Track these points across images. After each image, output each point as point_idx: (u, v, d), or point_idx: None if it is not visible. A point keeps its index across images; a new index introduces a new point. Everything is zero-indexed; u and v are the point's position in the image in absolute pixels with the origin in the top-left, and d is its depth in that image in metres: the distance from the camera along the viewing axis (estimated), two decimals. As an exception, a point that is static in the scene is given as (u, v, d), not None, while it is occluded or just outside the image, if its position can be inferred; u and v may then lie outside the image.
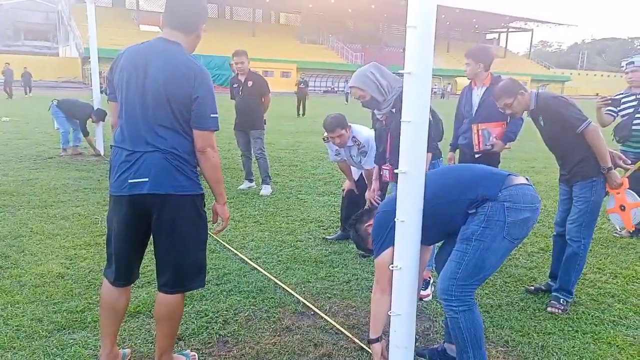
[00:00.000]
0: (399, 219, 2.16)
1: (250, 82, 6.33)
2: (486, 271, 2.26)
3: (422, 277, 3.10)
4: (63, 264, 3.78)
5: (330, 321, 3.01)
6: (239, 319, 3.02)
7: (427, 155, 2.22)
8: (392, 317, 2.26)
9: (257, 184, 6.73)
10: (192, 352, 2.62)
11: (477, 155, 4.16)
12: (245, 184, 6.72)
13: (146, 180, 2.14)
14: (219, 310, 3.11)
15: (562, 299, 3.28)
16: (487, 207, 2.21)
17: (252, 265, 3.88)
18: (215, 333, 2.85)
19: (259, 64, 35.58)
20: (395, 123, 3.26)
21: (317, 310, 3.15)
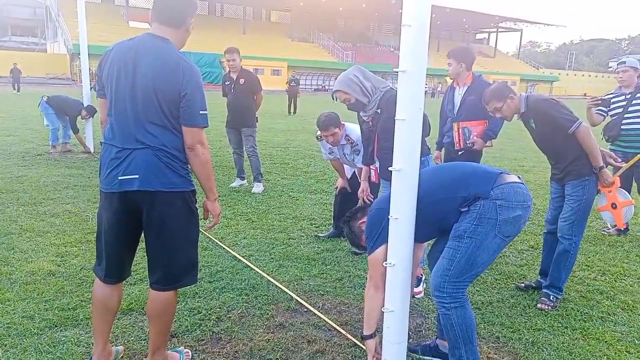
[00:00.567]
0: (393, 216, 2.18)
1: (242, 80, 6.32)
2: (478, 268, 2.29)
3: (415, 274, 3.12)
4: (54, 262, 3.76)
5: (323, 318, 3.02)
6: (232, 316, 3.03)
7: None
8: (385, 313, 2.28)
9: (249, 181, 6.72)
10: (185, 349, 2.62)
11: (460, 153, 4.27)
12: (237, 182, 6.70)
13: (136, 177, 2.14)
14: (212, 308, 3.11)
15: (552, 296, 3.32)
16: (479, 205, 2.24)
17: (244, 262, 3.88)
18: (209, 330, 2.85)
19: (249, 61, 35.48)
20: (381, 122, 3.28)
21: (310, 307, 3.16)
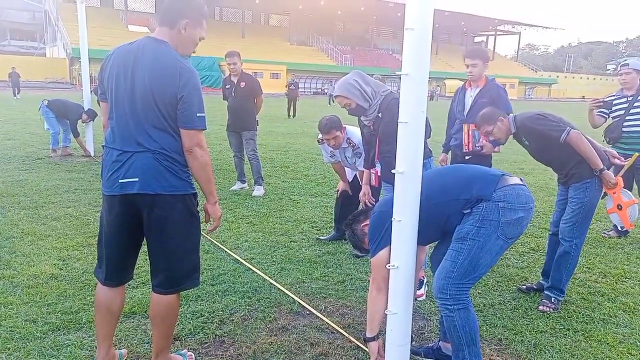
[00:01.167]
0: (396, 219, 2.19)
1: (242, 83, 6.33)
2: (481, 270, 2.29)
3: (418, 277, 3.13)
4: (56, 265, 3.76)
5: (326, 321, 3.03)
6: (235, 319, 3.03)
7: None
8: (388, 315, 2.28)
9: (250, 185, 6.73)
10: (189, 352, 2.62)
11: (467, 157, 4.20)
12: (238, 185, 6.71)
13: (136, 180, 2.14)
14: (215, 311, 3.12)
15: (553, 298, 3.33)
16: (482, 207, 2.25)
17: (246, 265, 3.89)
18: (212, 333, 2.86)
19: (248, 65, 35.35)
20: (382, 126, 3.29)
21: (313, 310, 3.17)
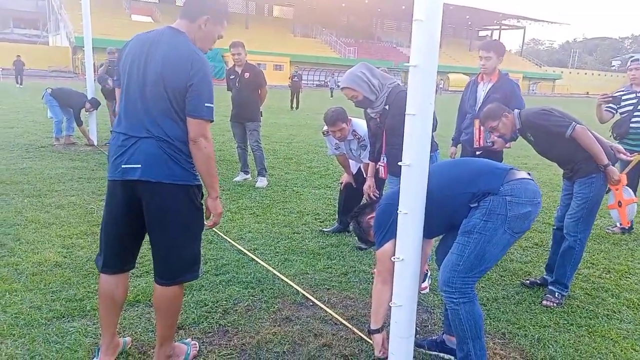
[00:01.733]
0: (402, 211, 2.18)
1: (247, 74, 6.31)
2: (487, 264, 2.28)
3: (423, 270, 3.13)
4: (60, 253, 3.77)
5: (329, 312, 3.03)
6: (238, 309, 3.04)
7: None
8: (393, 307, 2.28)
9: (253, 176, 6.72)
10: (192, 340, 2.62)
11: (478, 152, 4.16)
12: (241, 176, 6.71)
13: (138, 166, 2.13)
14: (219, 300, 3.12)
15: (557, 293, 3.33)
16: (489, 201, 2.24)
17: (250, 256, 3.89)
18: (216, 323, 2.86)
19: (252, 56, 35.02)
20: (389, 119, 3.28)
21: (317, 301, 3.17)
